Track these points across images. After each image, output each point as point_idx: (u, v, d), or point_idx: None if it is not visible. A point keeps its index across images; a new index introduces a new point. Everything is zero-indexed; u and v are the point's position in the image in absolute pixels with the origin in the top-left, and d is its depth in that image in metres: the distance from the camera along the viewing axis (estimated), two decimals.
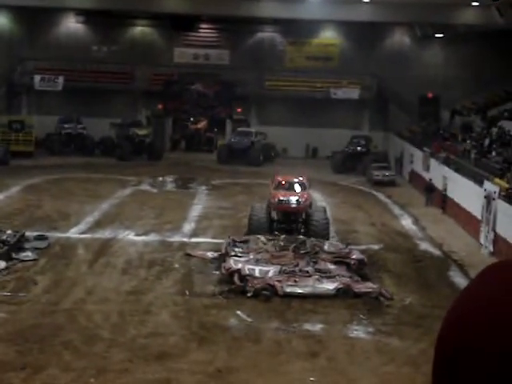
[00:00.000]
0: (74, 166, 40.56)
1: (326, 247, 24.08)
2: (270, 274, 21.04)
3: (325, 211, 27.12)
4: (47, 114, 46.35)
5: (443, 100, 46.37)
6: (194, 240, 26.55)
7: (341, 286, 20.56)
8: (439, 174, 34.30)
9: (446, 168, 33.45)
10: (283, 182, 27.42)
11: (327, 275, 21.24)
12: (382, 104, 47.91)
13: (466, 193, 29.48)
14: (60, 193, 33.74)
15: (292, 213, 26.43)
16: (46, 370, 15.25)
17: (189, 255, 24.34)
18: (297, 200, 26.20)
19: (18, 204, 31.34)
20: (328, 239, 24.99)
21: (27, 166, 40.19)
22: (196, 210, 31.73)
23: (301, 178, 27.84)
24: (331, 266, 22.05)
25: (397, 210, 33.47)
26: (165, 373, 15.27)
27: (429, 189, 34.62)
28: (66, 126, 45.71)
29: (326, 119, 47.61)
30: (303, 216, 26.53)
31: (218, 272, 22.32)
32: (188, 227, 28.49)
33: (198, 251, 24.79)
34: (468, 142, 36.07)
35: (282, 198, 26.15)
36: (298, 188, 27.00)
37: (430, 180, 35.14)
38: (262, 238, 25.04)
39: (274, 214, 26.74)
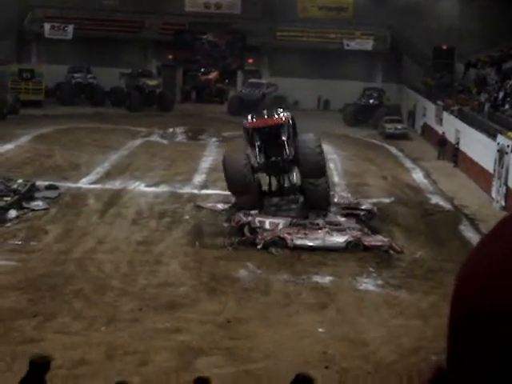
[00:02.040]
0: (84, 116, 40.41)
1: (336, 200, 24.01)
2: (280, 227, 21.02)
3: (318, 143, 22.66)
4: (57, 63, 46.02)
5: (458, 52, 45.70)
6: (204, 192, 26.53)
7: (351, 239, 20.54)
8: (452, 127, 34.00)
9: (459, 121, 33.12)
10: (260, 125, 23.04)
11: (337, 228, 21.19)
12: (395, 56, 47.30)
13: (479, 146, 29.23)
14: (70, 143, 33.68)
15: (271, 129, 22.09)
16: (57, 318, 15.38)
17: (199, 207, 24.34)
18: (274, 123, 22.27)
19: (28, 154, 31.33)
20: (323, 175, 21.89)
21: (37, 115, 40.06)
22: (206, 162, 31.64)
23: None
24: (341, 219, 22.00)
25: (408, 164, 33.27)
26: (174, 322, 15.37)
27: (441, 142, 34.36)
28: (76, 75, 45.42)
29: (338, 71, 47.08)
30: (288, 135, 22.19)
31: (227, 224, 22.33)
32: (198, 179, 28.44)
33: (208, 203, 24.78)
34: (482, 95, 35.64)
35: (249, 118, 23.24)
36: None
37: (443, 133, 34.85)
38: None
39: (253, 153, 22.18)
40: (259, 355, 14.10)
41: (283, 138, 21.71)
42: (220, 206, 24.23)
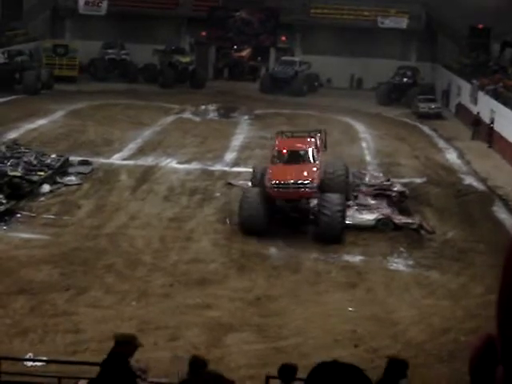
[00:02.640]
0: (117, 93, 40.56)
1: (367, 179, 23.87)
2: (311, 206, 20.96)
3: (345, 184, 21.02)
4: (91, 39, 46.15)
5: (494, 31, 44.90)
6: (235, 169, 26.55)
7: (381, 216, 20.45)
8: (487, 107, 33.52)
9: (495, 101, 32.64)
10: (284, 151, 20.51)
11: (367, 208, 21.10)
12: (430, 34, 46.64)
13: None
14: (103, 119, 33.87)
15: (293, 200, 20.01)
16: (88, 291, 15.58)
17: (230, 184, 24.39)
18: (299, 182, 19.33)
19: (61, 129, 31.58)
20: (339, 241, 19.00)
21: (71, 91, 40.31)
22: (238, 140, 31.62)
23: (311, 141, 21.22)
24: (372, 201, 21.86)
25: (442, 144, 32.93)
26: (205, 298, 15.48)
27: (476, 122, 33.92)
28: (110, 51, 45.50)
29: (372, 49, 46.57)
30: (313, 201, 20.13)
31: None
32: (230, 156, 28.46)
33: (239, 181, 24.80)
34: None
35: (276, 181, 19.24)
36: (306, 158, 20.25)
37: (478, 113, 34.39)
38: None
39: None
40: (288, 333, 14.17)
41: (308, 207, 20.29)
42: (250, 184, 24.22)
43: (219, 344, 13.57)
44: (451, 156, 30.56)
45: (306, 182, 19.21)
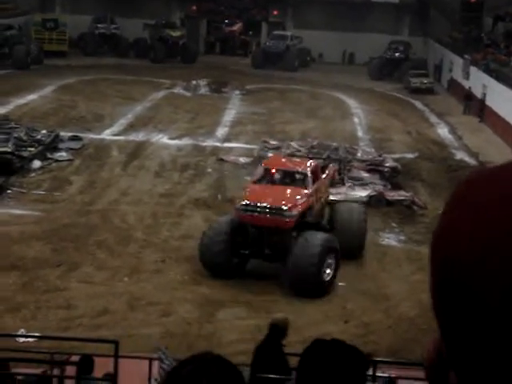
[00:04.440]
0: (108, 67, 40.29)
1: (359, 155, 23.86)
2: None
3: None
4: (81, 14, 45.77)
5: (487, 5, 44.75)
6: (226, 145, 26.47)
7: (374, 193, 20.47)
8: (479, 82, 33.48)
9: (487, 76, 32.59)
10: (273, 170, 16.30)
11: (360, 183, 21.11)
12: (422, 8, 46.45)
13: (506, 102, 28.78)
14: (94, 94, 33.65)
15: (268, 229, 15.00)
16: (80, 267, 15.57)
17: (221, 160, 24.33)
18: (274, 207, 14.90)
19: (52, 104, 31.37)
20: (311, 294, 14.48)
21: (61, 65, 40.00)
22: (229, 115, 31.51)
23: (311, 163, 16.86)
24: (364, 174, 21.90)
25: (433, 119, 32.91)
26: (196, 274, 15.47)
27: (467, 97, 33.89)
28: (100, 25, 45.13)
29: (364, 24, 46.39)
30: (291, 235, 15.01)
31: (249, 178, 22.29)
32: (221, 132, 28.36)
33: (230, 156, 24.75)
34: (510, 49, 34.96)
35: (247, 202, 15.05)
36: (299, 183, 16.02)
37: (469, 88, 34.35)
38: (295, 144, 24.92)
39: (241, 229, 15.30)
40: (278, 309, 14.19)
41: (285, 243, 14.98)
42: (242, 160, 24.20)
43: (211, 319, 13.61)
44: (443, 131, 30.57)
45: (284, 207, 14.72)
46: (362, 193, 20.47)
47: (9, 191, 20.04)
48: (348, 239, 15.77)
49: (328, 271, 14.66)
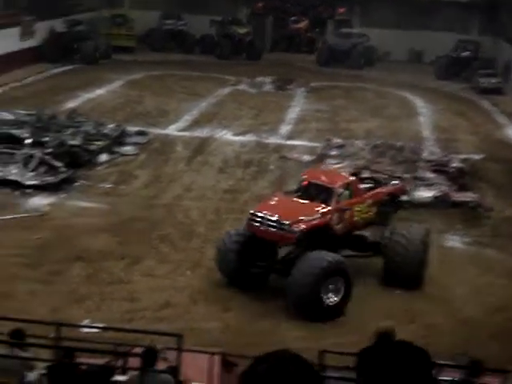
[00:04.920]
0: (174, 63, 40.71)
1: (425, 155, 23.55)
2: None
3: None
4: (149, 9, 46.32)
5: None
6: (290, 142, 26.46)
7: (439, 194, 20.16)
8: None
9: None
10: (304, 182, 15.48)
11: (425, 183, 20.82)
12: (492, 7, 45.44)
13: None
14: (160, 89, 34.06)
15: (269, 242, 14.38)
16: (144, 261, 15.80)
17: (284, 157, 24.33)
18: (276, 220, 14.07)
19: (119, 99, 31.89)
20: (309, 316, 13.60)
21: (128, 61, 40.61)
22: (293, 113, 31.48)
23: (349, 178, 15.58)
24: (430, 175, 21.58)
25: (502, 119, 32.20)
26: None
27: None
28: (168, 22, 45.63)
29: (432, 22, 45.63)
30: (295, 252, 14.44)
31: None
32: (285, 129, 28.36)
33: (293, 154, 24.74)
34: None
35: (256, 212, 14.48)
36: (328, 198, 14.70)
37: None
38: (359, 142, 24.76)
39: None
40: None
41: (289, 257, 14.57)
42: (305, 158, 24.14)
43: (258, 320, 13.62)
44: (511, 132, 29.91)
45: (286, 222, 13.88)
46: (426, 193, 20.18)
47: (76, 184, 20.47)
48: (399, 266, 14.76)
49: (331, 295, 13.61)
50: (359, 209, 15.10)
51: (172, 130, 27.26)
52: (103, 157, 22.79)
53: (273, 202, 15.02)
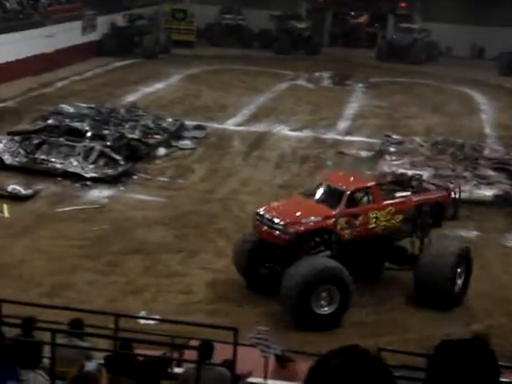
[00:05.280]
0: (233, 58, 40.82)
1: (486, 152, 23.09)
2: (424, 178, 20.47)
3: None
4: (208, 4, 46.53)
5: None
6: (348, 138, 26.26)
7: (500, 192, 19.74)
8: None
9: None
10: (321, 184, 14.93)
11: (486, 181, 20.41)
12: None
13: None
14: (218, 84, 34.19)
15: (272, 244, 13.80)
16: (200, 254, 15.89)
17: (342, 153, 24.16)
18: (274, 220, 13.57)
19: (177, 93, 32.14)
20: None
21: (188, 55, 40.88)
22: (352, 108, 31.24)
23: (367, 184, 14.71)
24: (491, 173, 21.14)
25: None
26: None
27: None
28: (227, 16, 45.78)
29: (495, 17, 44.63)
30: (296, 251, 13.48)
31: (370, 172, 22.03)
32: (343, 125, 28.16)
33: (351, 150, 24.54)
34: None
35: (261, 210, 14.06)
36: (334, 200, 13.98)
37: None
38: (419, 139, 24.43)
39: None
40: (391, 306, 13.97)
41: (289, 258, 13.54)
42: (363, 154, 23.93)
43: None
44: None
45: (282, 222, 13.37)
46: (487, 192, 19.79)
47: (135, 177, 20.70)
48: (427, 282, 13.66)
49: (323, 303, 12.84)
50: (377, 215, 14.01)
51: (229, 124, 27.34)
52: (161, 150, 22.99)
53: (283, 203, 14.82)
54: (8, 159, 20.52)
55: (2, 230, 16.65)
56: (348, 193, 13.90)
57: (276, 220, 13.47)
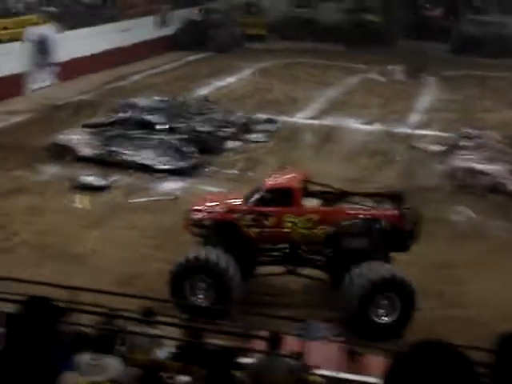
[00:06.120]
0: (304, 52, 40.74)
1: None
2: (499, 173, 20.09)
3: None
4: None
5: None
6: (419, 132, 25.94)
7: None
8: None
9: None
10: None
11: None
12: None
13: None
14: (289, 77, 34.23)
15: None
16: None
17: (413, 147, 23.90)
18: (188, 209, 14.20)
19: (249, 87, 32.33)
20: None
21: (260, 49, 41.03)
22: (424, 102, 30.82)
23: (271, 185, 13.80)
24: None
25: None
26: None
27: None
28: (299, 10, 45.72)
29: None
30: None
31: (442, 166, 21.75)
32: (414, 119, 27.83)
33: (423, 144, 24.24)
34: None
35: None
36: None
37: None
38: (493, 133, 23.94)
39: None
40: (469, 302, 13.81)
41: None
42: (435, 148, 23.61)
43: None
44: None
45: (189, 207, 14.10)
46: None
47: (206, 169, 20.97)
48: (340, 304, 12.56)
49: (198, 293, 12.72)
50: (293, 220, 13.18)
51: (300, 117, 27.37)
52: (232, 143, 23.21)
53: (218, 194, 15.80)
54: (83, 151, 21.10)
55: (78, 220, 17.16)
56: (262, 191, 13.57)
57: (189, 207, 13.85)
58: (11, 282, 9.99)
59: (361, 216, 13.14)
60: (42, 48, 29.43)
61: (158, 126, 21.75)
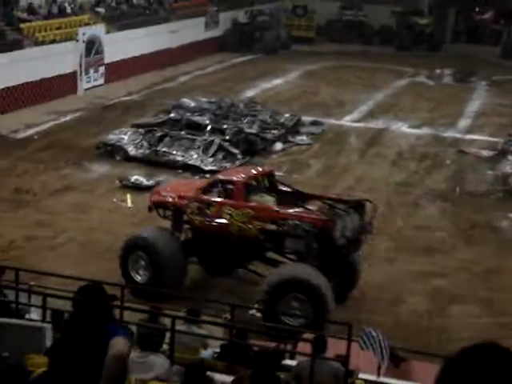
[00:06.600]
0: (352, 54, 40.57)
1: None
2: None
3: None
4: (329, 0, 46.37)
5: None
6: (468, 137, 25.61)
7: None
8: None
9: None
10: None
11: None
12: None
13: None
14: (336, 80, 34.12)
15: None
16: None
17: (462, 152, 23.60)
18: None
19: (295, 89, 32.29)
20: None
21: (306, 51, 40.97)
22: (473, 106, 30.41)
23: (219, 177, 14.30)
24: None
25: None
26: (429, 266, 15.24)
27: None
28: (347, 12, 45.55)
29: None
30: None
31: (492, 172, 21.45)
32: (463, 123, 27.49)
33: (472, 148, 23.93)
34: None
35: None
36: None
37: None
38: None
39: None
40: None
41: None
42: (485, 153, 23.29)
43: (442, 313, 13.34)
44: None
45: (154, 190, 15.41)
46: None
47: None
48: None
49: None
50: (230, 212, 13.29)
51: (347, 120, 27.25)
52: (278, 145, 23.22)
53: (194, 181, 17.18)
54: (132, 151, 21.35)
55: (126, 218, 17.34)
56: (209, 181, 14.28)
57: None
58: (58, 278, 10.14)
59: (288, 218, 12.97)
60: (94, 48, 29.86)
61: (205, 127, 21.86)
